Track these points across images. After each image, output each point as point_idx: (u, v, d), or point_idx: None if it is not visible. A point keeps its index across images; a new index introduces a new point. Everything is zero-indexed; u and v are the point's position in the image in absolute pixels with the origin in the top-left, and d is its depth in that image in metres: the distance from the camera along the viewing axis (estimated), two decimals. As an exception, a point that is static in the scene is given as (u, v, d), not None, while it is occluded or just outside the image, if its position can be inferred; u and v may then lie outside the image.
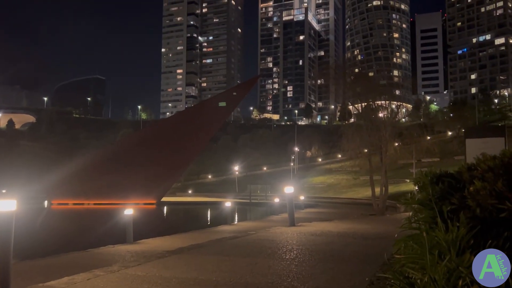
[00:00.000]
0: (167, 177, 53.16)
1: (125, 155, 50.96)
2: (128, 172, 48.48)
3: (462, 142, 14.80)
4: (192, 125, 51.98)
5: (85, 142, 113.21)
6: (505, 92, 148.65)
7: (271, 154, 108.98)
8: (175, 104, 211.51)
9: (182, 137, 51.50)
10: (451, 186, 3.44)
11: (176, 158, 51.55)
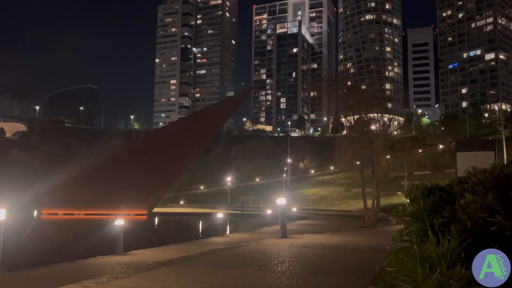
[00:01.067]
0: (159, 187, 52.79)
1: (116, 165, 50.55)
2: (119, 182, 48.06)
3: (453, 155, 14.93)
4: (184, 135, 51.82)
5: (76, 152, 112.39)
6: (495, 106, 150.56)
7: (263, 165, 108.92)
8: (168, 114, 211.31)
9: (175, 147, 51.24)
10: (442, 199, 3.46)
11: (168, 168, 51.24)
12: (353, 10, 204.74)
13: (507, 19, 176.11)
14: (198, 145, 54.77)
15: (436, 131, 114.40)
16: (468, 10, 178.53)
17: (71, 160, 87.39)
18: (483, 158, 12.96)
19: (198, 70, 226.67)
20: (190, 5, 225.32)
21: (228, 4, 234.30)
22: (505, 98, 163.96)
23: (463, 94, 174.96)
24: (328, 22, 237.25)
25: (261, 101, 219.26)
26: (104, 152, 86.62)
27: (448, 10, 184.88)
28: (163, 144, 52.08)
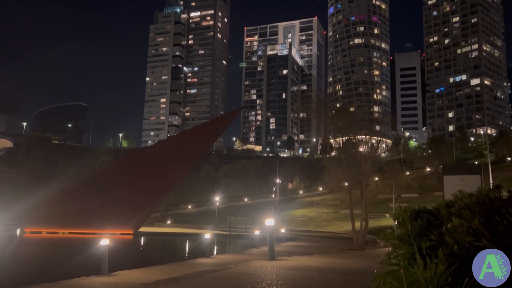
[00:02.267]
0: (146, 206, 52.10)
1: (102, 182, 49.82)
2: (105, 200, 47.32)
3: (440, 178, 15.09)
4: (173, 154, 51.50)
5: (63, 169, 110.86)
6: (481, 130, 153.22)
7: (252, 185, 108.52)
8: (158, 133, 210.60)
9: (163, 166, 50.83)
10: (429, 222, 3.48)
11: (155, 187, 50.69)
12: (342, 34, 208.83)
13: (492, 46, 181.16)
14: (187, 164, 54.44)
15: (423, 154, 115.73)
16: (454, 37, 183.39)
17: (57, 177, 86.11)
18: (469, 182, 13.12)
19: (188, 89, 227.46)
20: (182, 25, 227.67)
21: (220, 26, 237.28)
22: (490, 122, 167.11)
23: (450, 118, 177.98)
24: (318, 45, 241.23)
25: (250, 121, 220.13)
26: (91, 169, 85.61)
27: (435, 36, 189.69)
28: (151, 162, 51.63)
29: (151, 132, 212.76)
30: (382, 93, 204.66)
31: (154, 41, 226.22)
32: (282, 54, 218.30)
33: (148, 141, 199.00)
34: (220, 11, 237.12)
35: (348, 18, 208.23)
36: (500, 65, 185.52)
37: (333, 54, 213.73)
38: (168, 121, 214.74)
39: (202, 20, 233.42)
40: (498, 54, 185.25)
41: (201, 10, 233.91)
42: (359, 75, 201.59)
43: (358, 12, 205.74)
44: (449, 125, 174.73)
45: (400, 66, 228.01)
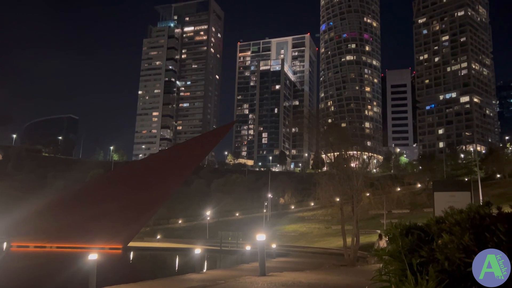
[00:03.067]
0: (135, 220, 51.47)
1: (92, 196, 49.19)
2: (94, 214, 46.66)
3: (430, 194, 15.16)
4: (165, 168, 51.16)
5: (52, 182, 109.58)
6: (471, 147, 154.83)
7: (244, 199, 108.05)
8: (149, 146, 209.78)
9: (154, 180, 50.38)
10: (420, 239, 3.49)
11: (145, 201, 50.15)
12: (334, 50, 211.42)
13: (480, 64, 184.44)
14: (178, 178, 54.09)
15: (414, 170, 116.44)
16: (444, 55, 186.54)
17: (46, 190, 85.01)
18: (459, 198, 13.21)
19: (181, 103, 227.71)
20: (175, 39, 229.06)
21: (213, 40, 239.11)
22: (479, 140, 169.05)
23: (440, 134, 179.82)
24: (310, 61, 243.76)
25: (243, 135, 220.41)
26: (81, 182, 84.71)
27: (425, 54, 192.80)
28: (142, 176, 51.18)
29: (143, 145, 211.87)
30: (373, 109, 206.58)
31: (147, 55, 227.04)
32: (275, 70, 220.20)
33: (140, 155, 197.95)
34: (213, 26, 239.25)
35: (340, 35, 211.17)
36: (489, 83, 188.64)
37: (325, 70, 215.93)
38: (160, 135, 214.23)
39: (196, 35, 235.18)
40: (487, 73, 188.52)
41: (195, 25, 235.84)
42: (350, 91, 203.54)
43: (350, 30, 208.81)
44: (440, 141, 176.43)
45: (391, 83, 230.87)
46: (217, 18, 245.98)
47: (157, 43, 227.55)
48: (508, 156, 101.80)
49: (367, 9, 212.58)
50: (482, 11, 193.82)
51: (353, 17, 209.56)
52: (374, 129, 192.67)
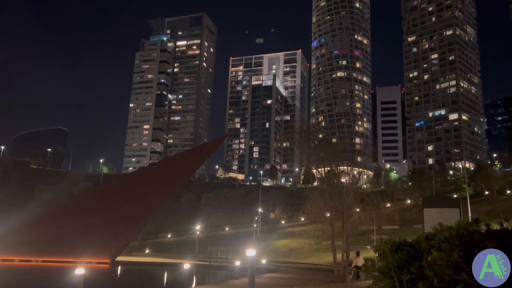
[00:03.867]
0: (124, 234, 50.77)
1: (79, 209, 48.51)
2: (81, 227, 45.97)
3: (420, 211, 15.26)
4: (155, 181, 50.77)
5: (40, 195, 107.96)
6: (459, 164, 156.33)
7: (234, 214, 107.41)
8: (139, 159, 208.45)
9: (143, 193, 49.90)
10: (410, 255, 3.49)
11: (134, 214, 49.59)
12: (326, 67, 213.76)
13: (469, 83, 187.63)
14: (168, 192, 53.64)
15: (404, 186, 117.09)
16: (433, 73, 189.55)
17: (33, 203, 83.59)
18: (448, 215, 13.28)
19: (172, 116, 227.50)
20: (168, 53, 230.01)
21: (206, 55, 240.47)
22: (468, 157, 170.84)
23: (429, 151, 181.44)
24: (302, 76, 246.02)
25: (234, 149, 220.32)
26: (69, 195, 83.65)
27: (415, 71, 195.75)
28: (131, 189, 50.69)
29: (133, 158, 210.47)
30: (364, 125, 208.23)
31: (139, 68, 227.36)
32: (267, 85, 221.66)
33: (129, 168, 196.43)
34: (206, 41, 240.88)
35: (331, 51, 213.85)
36: (477, 102, 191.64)
37: (316, 86, 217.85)
38: (150, 148, 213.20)
39: (188, 49, 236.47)
40: (475, 91, 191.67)
41: (188, 40, 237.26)
42: (341, 107, 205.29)
43: (341, 46, 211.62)
44: (429, 158, 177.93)
45: (381, 100, 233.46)
46: (210, 33, 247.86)
47: (149, 57, 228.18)
48: (496, 173, 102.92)
49: (358, 26, 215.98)
50: (470, 31, 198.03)
51: (344, 34, 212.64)
52: (365, 145, 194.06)
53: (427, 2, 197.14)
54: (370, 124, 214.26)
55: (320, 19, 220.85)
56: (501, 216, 3.71)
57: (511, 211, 62.13)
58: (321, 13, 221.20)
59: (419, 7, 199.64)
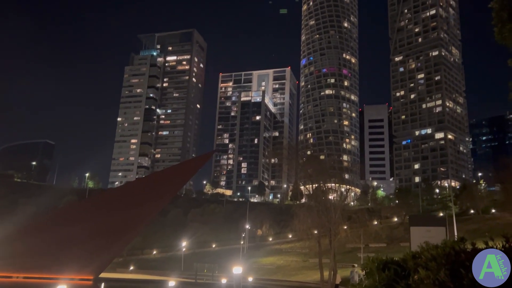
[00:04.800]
0: (108, 250, 49.70)
1: (63, 223, 47.49)
2: (64, 242, 44.91)
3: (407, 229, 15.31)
4: (141, 196, 50.12)
5: (23, 208, 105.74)
6: (445, 183, 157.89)
7: (221, 230, 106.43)
8: (126, 174, 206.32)
9: (129, 208, 49.06)
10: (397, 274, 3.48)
11: (119, 230, 48.72)
12: (314, 84, 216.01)
13: (454, 103, 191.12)
14: (154, 207, 52.89)
15: (391, 204, 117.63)
16: (419, 92, 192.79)
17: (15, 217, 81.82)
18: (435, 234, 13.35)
19: (160, 131, 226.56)
20: (157, 68, 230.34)
21: (195, 70, 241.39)
22: (454, 175, 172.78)
23: (416, 169, 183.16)
24: (290, 93, 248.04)
25: (222, 165, 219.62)
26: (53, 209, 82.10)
27: (401, 90, 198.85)
28: (117, 204, 49.92)
29: (119, 173, 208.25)
30: (351, 142, 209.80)
31: (128, 82, 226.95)
32: (256, 101, 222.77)
33: (116, 182, 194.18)
34: (196, 56, 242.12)
35: (319, 70, 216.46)
36: (462, 121, 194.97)
37: (305, 103, 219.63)
38: (137, 162, 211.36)
39: (178, 64, 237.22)
40: (460, 111, 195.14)
41: (178, 55, 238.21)
42: (329, 124, 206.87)
43: (329, 65, 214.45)
44: (416, 176, 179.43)
45: (368, 118, 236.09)
46: (200, 49, 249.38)
47: (138, 71, 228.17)
48: (481, 192, 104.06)
49: (346, 45, 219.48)
50: (455, 52, 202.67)
51: (333, 53, 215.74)
52: (352, 162, 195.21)
53: (414, 23, 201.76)
54: (357, 141, 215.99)
55: (309, 38, 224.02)
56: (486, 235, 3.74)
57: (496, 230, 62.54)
58: (310, 31, 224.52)
59: (406, 28, 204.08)
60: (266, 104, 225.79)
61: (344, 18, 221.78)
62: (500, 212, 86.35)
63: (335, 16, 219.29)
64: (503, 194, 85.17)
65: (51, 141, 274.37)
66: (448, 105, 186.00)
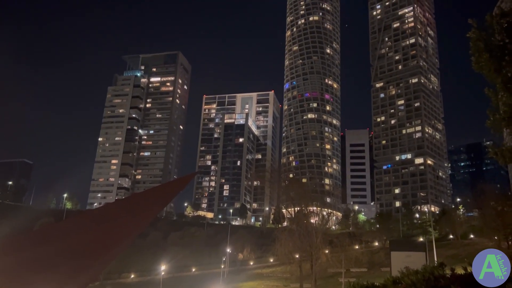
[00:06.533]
0: (84, 273, 48.22)
1: (37, 246, 45.96)
2: (37, 265, 43.30)
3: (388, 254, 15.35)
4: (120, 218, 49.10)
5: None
6: (425, 208, 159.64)
7: (201, 254, 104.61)
8: (105, 195, 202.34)
9: (107, 230, 47.93)
10: (377, 300, 3.47)
11: (96, 253, 47.43)
12: (297, 108, 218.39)
13: (433, 129, 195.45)
14: (133, 230, 51.77)
15: (372, 228, 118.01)
16: (399, 118, 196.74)
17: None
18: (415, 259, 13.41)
19: (142, 152, 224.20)
20: (141, 89, 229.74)
21: (179, 92, 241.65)
22: (433, 200, 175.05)
23: (396, 194, 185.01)
24: (274, 117, 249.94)
25: (204, 187, 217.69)
26: (28, 231, 79.49)
27: (382, 116, 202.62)
28: (94, 225, 48.70)
29: (99, 194, 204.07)
30: (333, 166, 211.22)
31: (111, 102, 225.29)
32: (239, 123, 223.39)
33: (95, 203, 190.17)
34: (180, 78, 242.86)
35: (302, 94, 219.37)
36: (441, 147, 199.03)
37: (288, 127, 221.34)
38: (117, 183, 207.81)
39: (162, 85, 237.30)
40: (439, 137, 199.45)
41: (162, 76, 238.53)
42: (311, 148, 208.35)
43: (312, 89, 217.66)
44: (396, 201, 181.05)
45: (350, 142, 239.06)
46: (185, 70, 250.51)
47: (121, 91, 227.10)
48: (460, 217, 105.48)
49: (329, 71, 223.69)
50: (434, 80, 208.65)
51: (315, 78, 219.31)
52: (334, 186, 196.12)
53: (394, 51, 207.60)
54: (339, 165, 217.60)
55: (293, 63, 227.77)
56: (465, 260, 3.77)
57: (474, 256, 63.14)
58: (293, 57, 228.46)
59: (387, 56, 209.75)
60: (250, 126, 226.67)
61: (327, 44, 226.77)
62: (478, 237, 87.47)
63: (318, 42, 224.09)
64: (481, 219, 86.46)
65: (29, 161, 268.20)
66: (427, 131, 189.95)
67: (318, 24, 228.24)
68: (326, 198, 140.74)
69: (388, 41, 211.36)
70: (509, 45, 14.37)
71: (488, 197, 79.85)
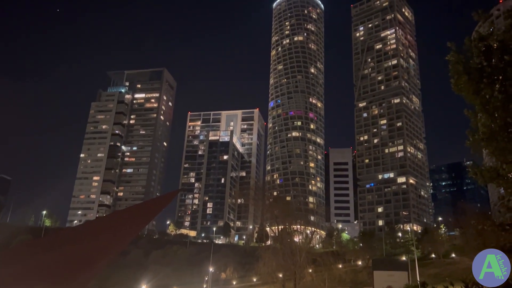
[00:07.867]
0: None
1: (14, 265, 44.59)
2: (13, 285, 41.99)
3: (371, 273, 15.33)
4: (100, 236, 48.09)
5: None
6: (408, 227, 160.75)
7: (183, 273, 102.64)
8: (86, 212, 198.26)
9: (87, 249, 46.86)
10: (360, 319, 3.45)
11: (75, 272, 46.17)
12: (281, 126, 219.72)
13: (415, 148, 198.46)
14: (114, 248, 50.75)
15: (355, 247, 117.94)
16: (382, 137, 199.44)
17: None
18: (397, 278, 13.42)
19: (124, 168, 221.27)
20: (125, 105, 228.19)
21: (164, 108, 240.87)
22: (415, 219, 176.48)
23: (379, 212, 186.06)
24: (258, 134, 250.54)
25: (187, 204, 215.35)
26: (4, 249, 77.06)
27: (365, 135, 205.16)
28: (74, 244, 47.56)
29: (79, 211, 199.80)
30: (317, 184, 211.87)
31: (94, 118, 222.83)
32: (224, 140, 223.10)
33: (75, 221, 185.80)
34: (165, 95, 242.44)
35: (287, 112, 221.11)
36: (423, 166, 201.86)
37: (272, 144, 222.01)
38: (99, 201, 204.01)
39: (146, 102, 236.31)
40: (421, 156, 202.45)
41: (146, 93, 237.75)
42: (295, 166, 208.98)
43: (296, 108, 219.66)
44: (379, 219, 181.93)
45: (333, 160, 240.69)
46: (170, 87, 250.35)
47: (105, 107, 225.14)
48: (442, 237, 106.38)
49: (313, 90, 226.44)
50: (415, 100, 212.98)
51: (300, 97, 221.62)
52: (318, 204, 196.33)
53: (377, 72, 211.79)
54: (323, 183, 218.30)
55: (277, 81, 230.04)
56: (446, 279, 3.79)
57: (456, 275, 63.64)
58: (278, 75, 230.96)
59: (369, 76, 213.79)
60: (234, 144, 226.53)
61: (311, 64, 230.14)
62: (460, 256, 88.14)
63: (303, 62, 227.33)
64: (462, 238, 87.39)
65: (7, 176, 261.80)
66: (409, 151, 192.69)
67: (302, 44, 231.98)
68: (310, 216, 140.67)
69: (371, 62, 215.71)
70: (486, 68, 14.82)
71: (469, 216, 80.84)
